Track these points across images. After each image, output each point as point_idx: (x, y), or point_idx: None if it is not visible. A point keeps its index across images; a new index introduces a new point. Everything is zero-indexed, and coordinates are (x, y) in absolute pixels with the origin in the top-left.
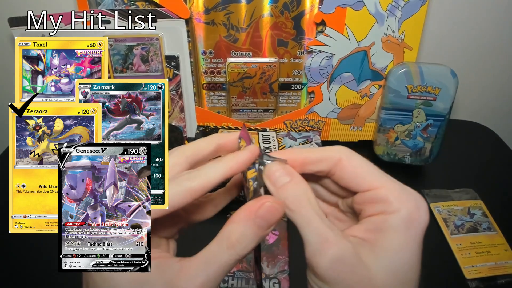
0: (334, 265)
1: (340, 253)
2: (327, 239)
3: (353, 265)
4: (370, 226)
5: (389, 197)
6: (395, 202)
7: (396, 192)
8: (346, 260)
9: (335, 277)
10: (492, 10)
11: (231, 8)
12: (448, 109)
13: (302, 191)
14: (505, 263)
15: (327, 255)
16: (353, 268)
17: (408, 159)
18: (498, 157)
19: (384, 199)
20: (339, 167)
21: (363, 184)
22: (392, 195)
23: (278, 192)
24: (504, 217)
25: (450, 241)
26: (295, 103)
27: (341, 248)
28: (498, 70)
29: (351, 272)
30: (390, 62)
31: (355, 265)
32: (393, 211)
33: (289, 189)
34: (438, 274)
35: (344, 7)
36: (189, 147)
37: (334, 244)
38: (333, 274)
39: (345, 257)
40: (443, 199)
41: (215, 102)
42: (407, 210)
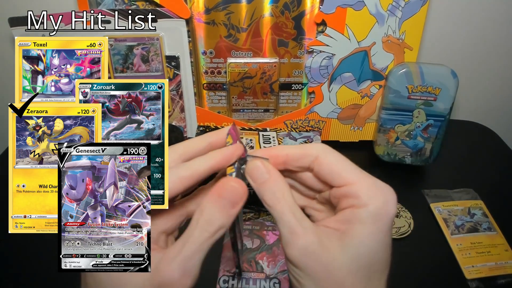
0: (301, 254)
1: (305, 244)
2: (296, 232)
3: (317, 254)
4: (341, 218)
5: (359, 192)
6: (365, 197)
7: (367, 188)
8: (310, 250)
9: (303, 264)
10: (492, 10)
11: (232, 8)
12: (449, 109)
13: (278, 188)
14: (505, 263)
15: (296, 245)
16: (317, 257)
17: (408, 159)
18: (498, 157)
19: (355, 194)
20: (317, 163)
21: (338, 179)
22: (362, 191)
23: (258, 188)
24: (504, 217)
25: (450, 241)
26: (295, 103)
27: (307, 240)
28: (499, 70)
29: (316, 259)
30: (390, 62)
31: (319, 253)
32: (362, 205)
33: (267, 186)
34: (438, 274)
35: (344, 7)
36: (181, 144)
37: (301, 236)
38: (301, 262)
39: (309, 247)
40: (444, 199)
41: (216, 102)
42: (375, 205)
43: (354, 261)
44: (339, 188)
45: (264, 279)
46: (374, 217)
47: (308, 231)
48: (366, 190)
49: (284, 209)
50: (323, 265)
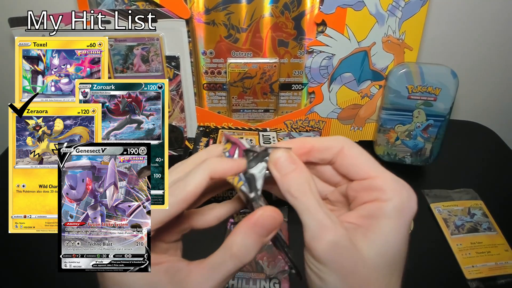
0: (330, 249)
1: (336, 239)
2: (325, 225)
3: (347, 249)
4: (364, 213)
5: (384, 186)
6: (389, 191)
7: (391, 182)
8: (341, 245)
9: (330, 260)
10: (492, 10)
11: (232, 8)
12: (449, 109)
13: (304, 180)
14: (505, 263)
15: (324, 240)
16: (347, 252)
17: (408, 159)
18: (498, 157)
19: (379, 188)
20: (341, 156)
21: (361, 172)
22: (386, 185)
23: (283, 179)
24: (504, 217)
25: (451, 241)
26: (295, 103)
27: (337, 234)
28: (499, 70)
29: (345, 255)
30: (390, 62)
31: (349, 249)
32: (387, 199)
33: (293, 177)
34: (438, 274)
35: (344, 7)
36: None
37: (331, 230)
38: (329, 257)
39: (340, 242)
40: (444, 199)
41: (216, 102)
42: (400, 199)
43: (380, 257)
44: (361, 181)
45: (264, 279)
46: (399, 212)
47: (337, 225)
48: (390, 184)
49: (311, 201)
50: (353, 261)
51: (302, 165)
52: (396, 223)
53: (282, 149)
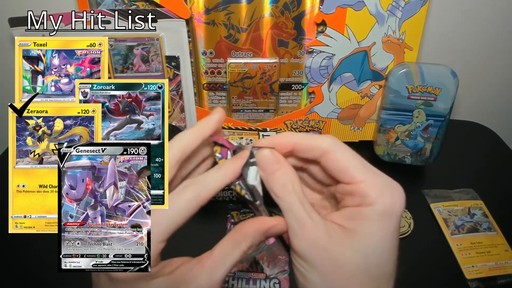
0: (310, 246)
1: (315, 238)
2: (305, 224)
3: (326, 248)
4: (348, 215)
5: (367, 191)
6: (372, 197)
7: (374, 188)
8: (320, 244)
9: (310, 258)
10: (492, 10)
11: (232, 8)
12: (449, 109)
13: (288, 180)
14: (505, 263)
15: (304, 237)
16: (326, 252)
17: (408, 159)
18: (498, 157)
19: (363, 193)
20: (324, 158)
21: (345, 177)
22: (370, 190)
23: (267, 179)
24: (504, 217)
25: (451, 241)
26: (295, 103)
27: (316, 233)
28: (499, 70)
29: (325, 254)
30: (390, 62)
31: (329, 248)
32: (370, 204)
33: (277, 177)
34: (438, 274)
35: (344, 7)
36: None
37: (311, 229)
38: (309, 255)
39: (319, 241)
40: (444, 199)
41: (216, 102)
42: (382, 205)
43: (363, 259)
44: (345, 185)
45: (264, 279)
46: (381, 216)
47: (318, 224)
48: (373, 190)
49: (293, 201)
50: (332, 260)
51: (286, 165)
52: (379, 226)
53: (266, 149)
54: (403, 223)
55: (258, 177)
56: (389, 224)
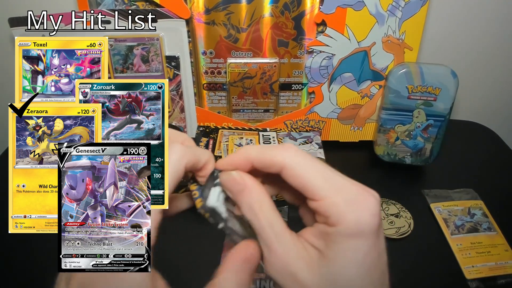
0: (278, 273)
1: (283, 264)
2: (274, 250)
3: (294, 274)
4: (318, 233)
5: (328, 211)
6: (335, 217)
7: (335, 206)
8: (288, 270)
9: (281, 283)
10: (492, 10)
11: (232, 8)
12: (449, 109)
13: (254, 200)
14: (505, 263)
15: (273, 264)
16: (295, 278)
17: (408, 160)
18: (498, 157)
19: (324, 213)
20: (284, 174)
21: (307, 194)
22: (330, 210)
23: (236, 199)
24: (504, 217)
25: (451, 241)
26: (295, 103)
27: (285, 260)
28: (499, 70)
29: (293, 280)
30: (390, 62)
31: (297, 274)
32: (332, 224)
33: (242, 198)
34: (438, 274)
35: (344, 7)
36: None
37: (279, 255)
38: (279, 280)
39: (288, 267)
40: (444, 199)
41: (216, 102)
42: (345, 225)
43: (331, 286)
44: (311, 201)
45: (264, 279)
46: (346, 238)
47: (286, 249)
48: (334, 209)
49: (261, 224)
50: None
51: (252, 185)
52: (345, 249)
53: (228, 172)
54: (403, 223)
55: (221, 198)
56: (358, 245)
